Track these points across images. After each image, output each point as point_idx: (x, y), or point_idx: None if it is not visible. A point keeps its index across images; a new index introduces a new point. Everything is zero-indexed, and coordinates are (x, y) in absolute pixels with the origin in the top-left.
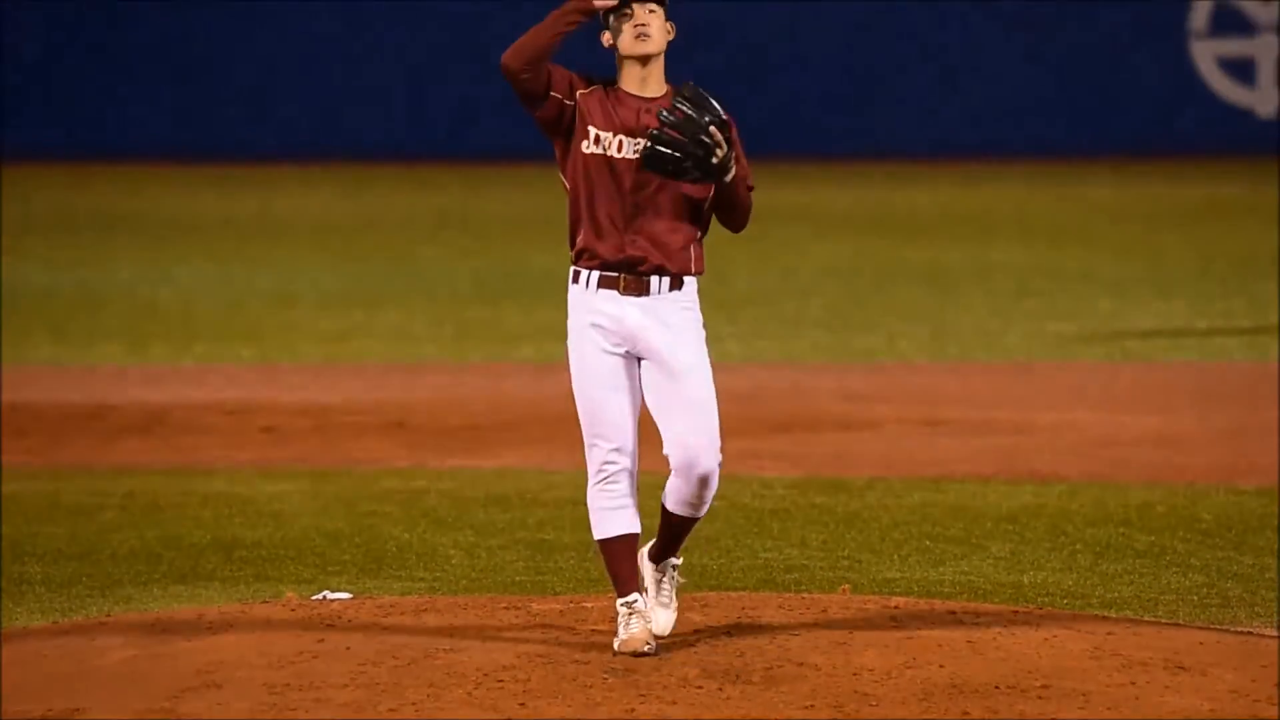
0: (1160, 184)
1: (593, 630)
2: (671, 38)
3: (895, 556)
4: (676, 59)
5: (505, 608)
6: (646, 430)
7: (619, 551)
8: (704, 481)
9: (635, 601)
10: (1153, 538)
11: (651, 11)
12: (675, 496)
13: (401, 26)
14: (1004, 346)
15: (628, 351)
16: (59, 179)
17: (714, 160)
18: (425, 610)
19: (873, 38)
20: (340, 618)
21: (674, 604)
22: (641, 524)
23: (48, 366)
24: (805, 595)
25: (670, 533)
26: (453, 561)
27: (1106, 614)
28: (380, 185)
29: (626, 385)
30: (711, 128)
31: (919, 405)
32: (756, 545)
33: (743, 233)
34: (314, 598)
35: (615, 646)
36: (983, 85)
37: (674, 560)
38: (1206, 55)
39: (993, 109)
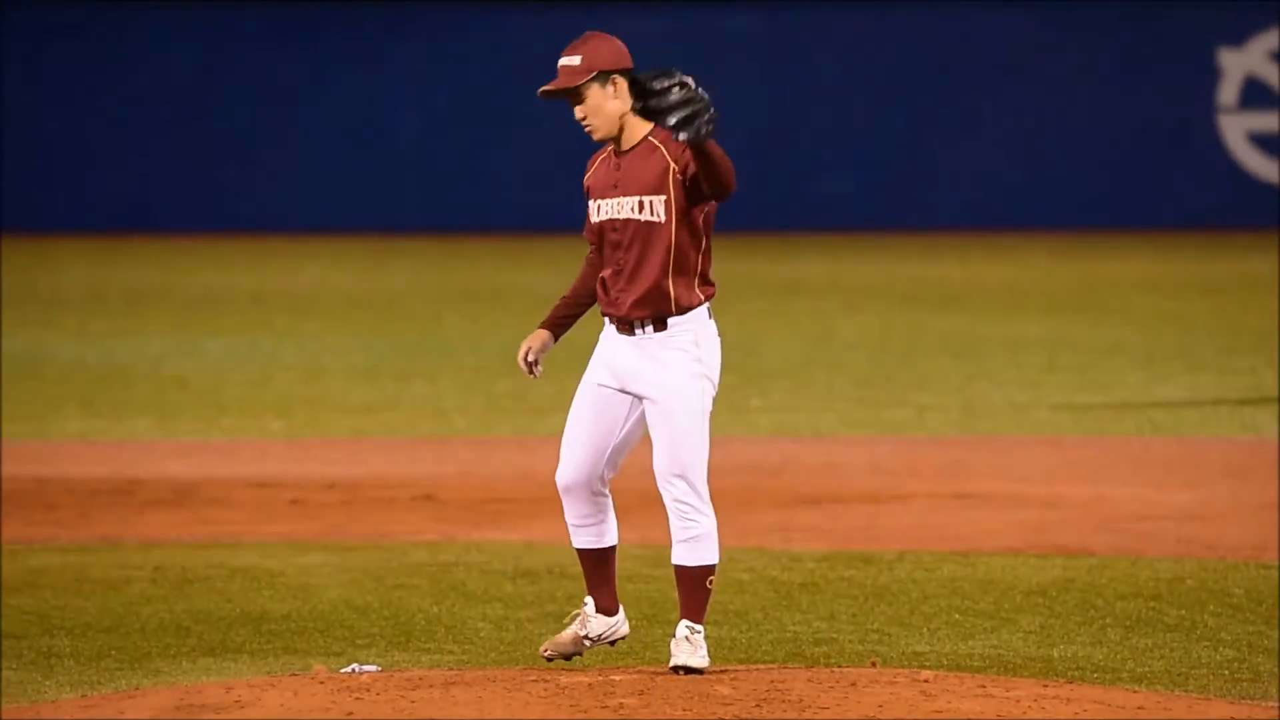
0: (1189, 257)
1: (620, 704)
2: (617, 97)
3: (925, 630)
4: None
5: (533, 680)
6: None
7: (582, 560)
8: (674, 509)
9: (586, 605)
10: (1183, 612)
11: (581, 103)
12: (672, 536)
13: (429, 100)
14: (1033, 420)
15: (623, 389)
16: (89, 252)
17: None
18: (453, 683)
19: (903, 111)
20: (369, 690)
21: (700, 651)
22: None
23: (77, 441)
24: (834, 669)
25: (679, 585)
26: (481, 634)
27: (1137, 688)
28: (409, 258)
29: (596, 417)
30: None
31: (948, 478)
32: (785, 618)
33: (773, 304)
34: (343, 670)
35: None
36: (1013, 158)
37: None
38: (1235, 129)
39: (1022, 181)
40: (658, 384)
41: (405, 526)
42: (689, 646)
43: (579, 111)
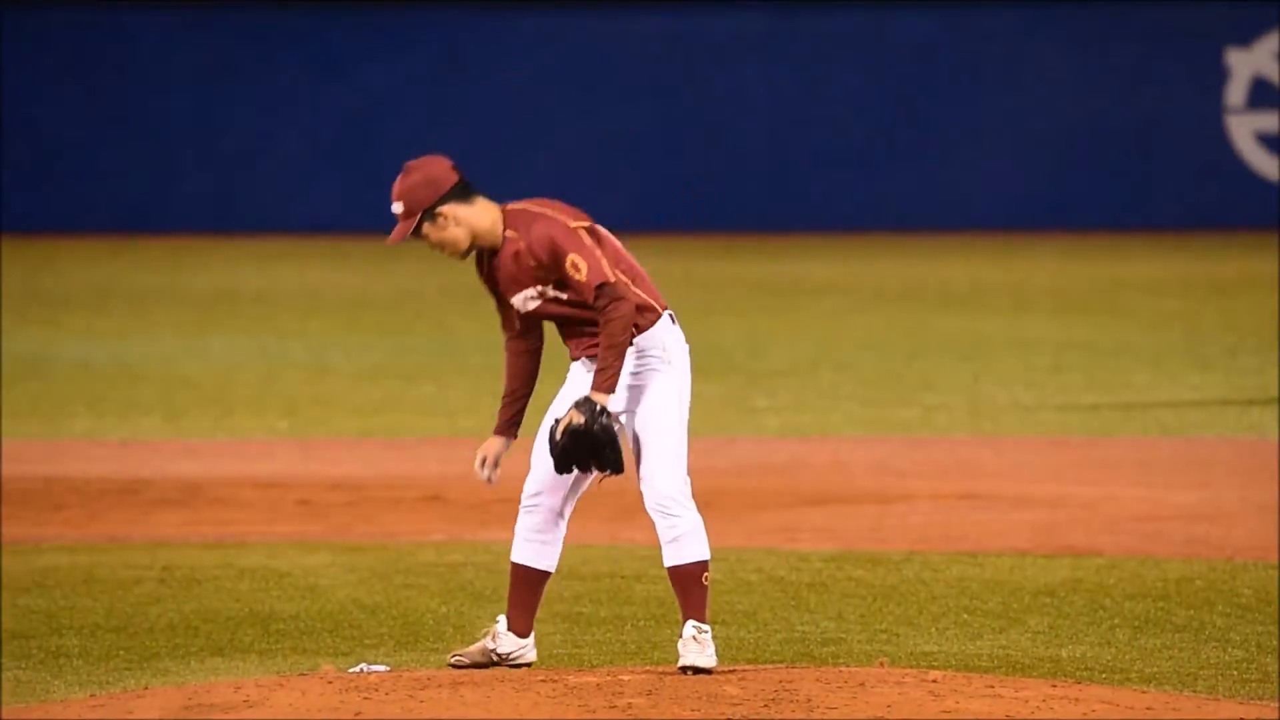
0: (1197, 257)
1: (629, 704)
2: (456, 223)
3: (933, 630)
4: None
5: (541, 680)
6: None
7: (514, 576)
8: (654, 511)
9: (498, 622)
10: (1192, 612)
11: (425, 237)
12: (660, 540)
13: (437, 100)
14: (1040, 420)
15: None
16: (95, 252)
17: (595, 436)
18: (461, 683)
19: (909, 110)
20: (377, 690)
21: (708, 650)
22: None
23: (85, 440)
24: (843, 669)
25: (675, 586)
26: None
27: (1146, 689)
28: (416, 258)
29: None
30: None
31: (956, 479)
32: (793, 618)
33: (779, 304)
34: (351, 670)
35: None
36: (1019, 159)
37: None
38: (1243, 129)
39: (1028, 182)
40: (629, 395)
41: (413, 526)
42: (696, 646)
43: (431, 243)
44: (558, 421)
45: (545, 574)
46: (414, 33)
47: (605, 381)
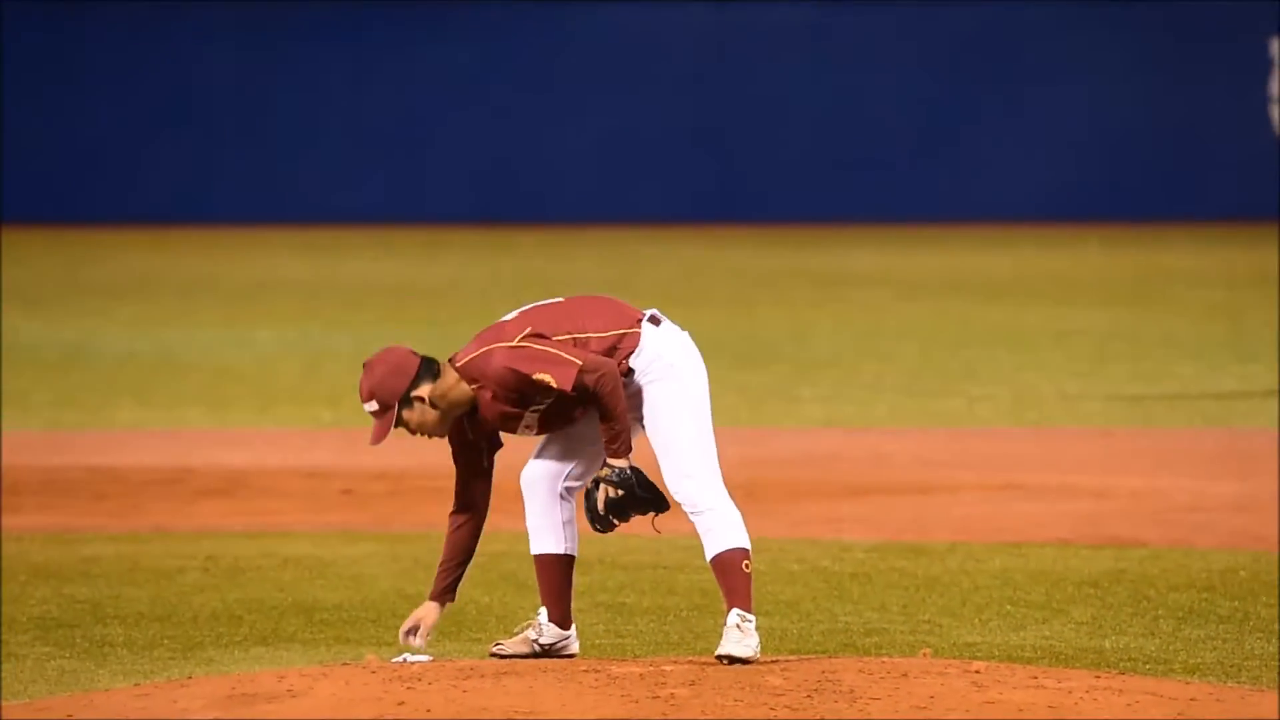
0: (1241, 248)
1: (672, 694)
2: (430, 405)
3: (976, 620)
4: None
5: (584, 670)
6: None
7: (539, 567)
8: (688, 510)
9: (539, 614)
10: (1236, 603)
11: (405, 424)
12: (700, 536)
13: (479, 91)
14: (1084, 411)
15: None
16: (141, 243)
17: (629, 496)
18: (505, 674)
19: (953, 102)
20: (420, 680)
21: (749, 640)
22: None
23: (130, 430)
24: (886, 659)
25: (717, 577)
26: None
27: (1190, 680)
28: (459, 248)
29: (570, 430)
30: (607, 514)
31: (999, 470)
32: (836, 609)
33: (823, 295)
34: (394, 660)
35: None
36: (1063, 149)
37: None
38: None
39: (1073, 172)
40: (647, 397)
41: None
42: (738, 634)
43: (410, 430)
44: (591, 497)
45: (567, 558)
46: (458, 25)
47: (620, 448)
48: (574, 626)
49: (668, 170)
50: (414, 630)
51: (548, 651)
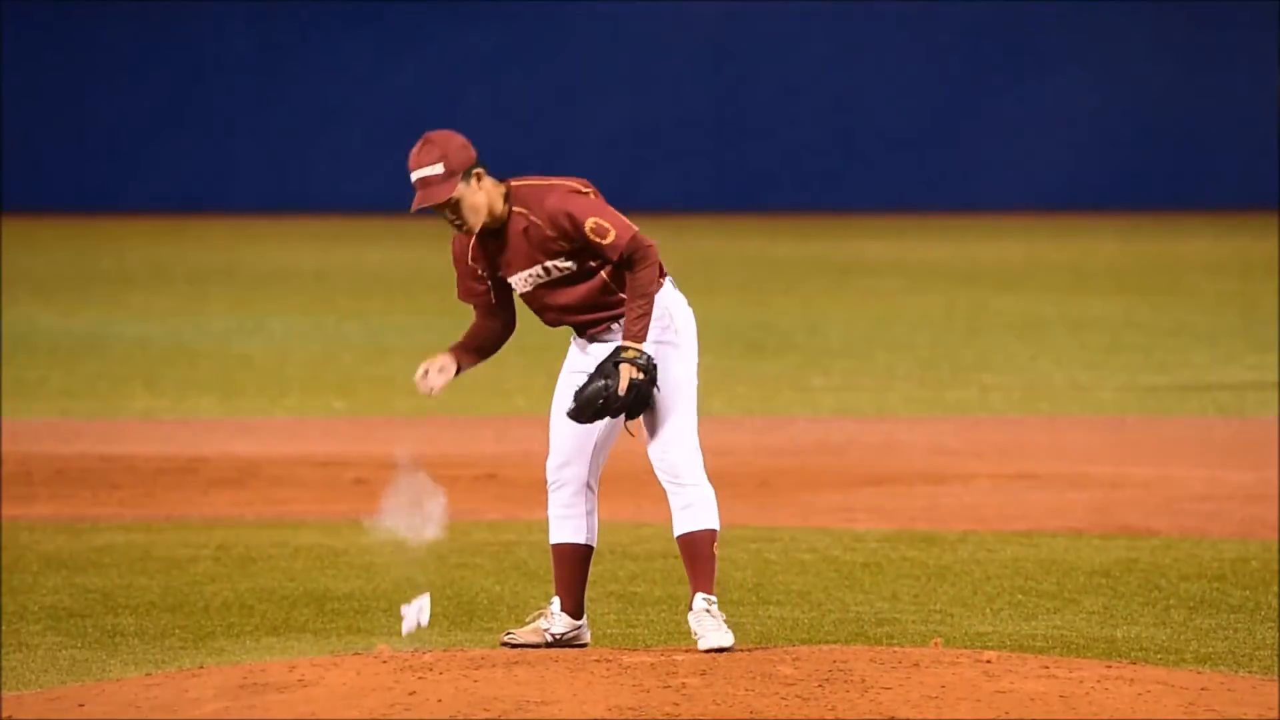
0: (1255, 238)
1: (683, 683)
2: (481, 188)
3: (987, 610)
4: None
5: (596, 660)
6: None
7: (557, 557)
8: (666, 480)
9: (552, 603)
10: (1247, 593)
11: (450, 210)
12: (672, 511)
13: (492, 81)
14: (1097, 400)
15: None
16: (154, 232)
17: (645, 384)
18: (516, 663)
19: (967, 92)
20: (431, 670)
21: (722, 624)
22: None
23: (142, 419)
24: (897, 649)
25: (685, 556)
26: None
27: (1201, 670)
28: None
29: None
30: (615, 400)
31: (1011, 459)
32: (848, 598)
33: (836, 284)
34: (405, 615)
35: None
36: (1077, 139)
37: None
38: None
39: (1087, 162)
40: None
41: (468, 505)
42: (712, 621)
43: (450, 216)
44: (606, 383)
45: (586, 549)
46: (472, 15)
47: (642, 330)
48: (585, 617)
49: (681, 159)
50: (429, 371)
51: (559, 641)
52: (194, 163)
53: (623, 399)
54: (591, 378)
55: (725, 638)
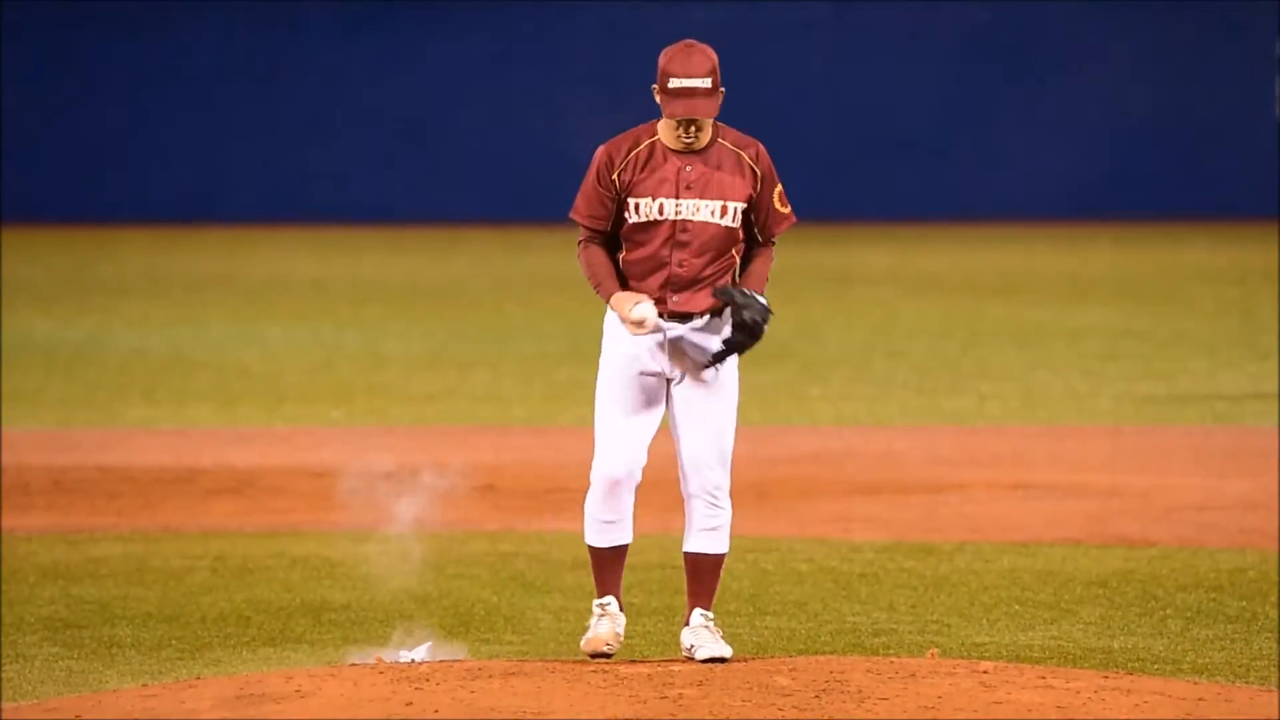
0: (1252, 246)
1: (680, 694)
2: (721, 99)
3: (984, 621)
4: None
5: (593, 671)
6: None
7: (605, 558)
8: (705, 496)
9: (609, 604)
10: (1244, 603)
11: (697, 126)
12: (691, 526)
13: (491, 90)
14: (1095, 409)
15: (665, 375)
16: (151, 241)
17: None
18: (513, 674)
19: (964, 101)
20: (428, 681)
21: (720, 638)
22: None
23: (139, 428)
24: (894, 659)
25: (698, 574)
26: (541, 625)
27: (1198, 680)
28: (470, 246)
29: (646, 404)
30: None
31: (1008, 468)
32: (845, 609)
33: (834, 292)
34: (402, 657)
35: (581, 643)
36: (1075, 148)
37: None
38: None
39: (1084, 171)
40: (703, 357)
41: (465, 515)
42: (709, 635)
43: (692, 133)
44: (756, 307)
45: (627, 546)
46: (472, 23)
47: (761, 287)
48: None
49: None
50: (647, 318)
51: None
52: (191, 171)
53: (750, 326)
54: (736, 308)
55: (723, 649)
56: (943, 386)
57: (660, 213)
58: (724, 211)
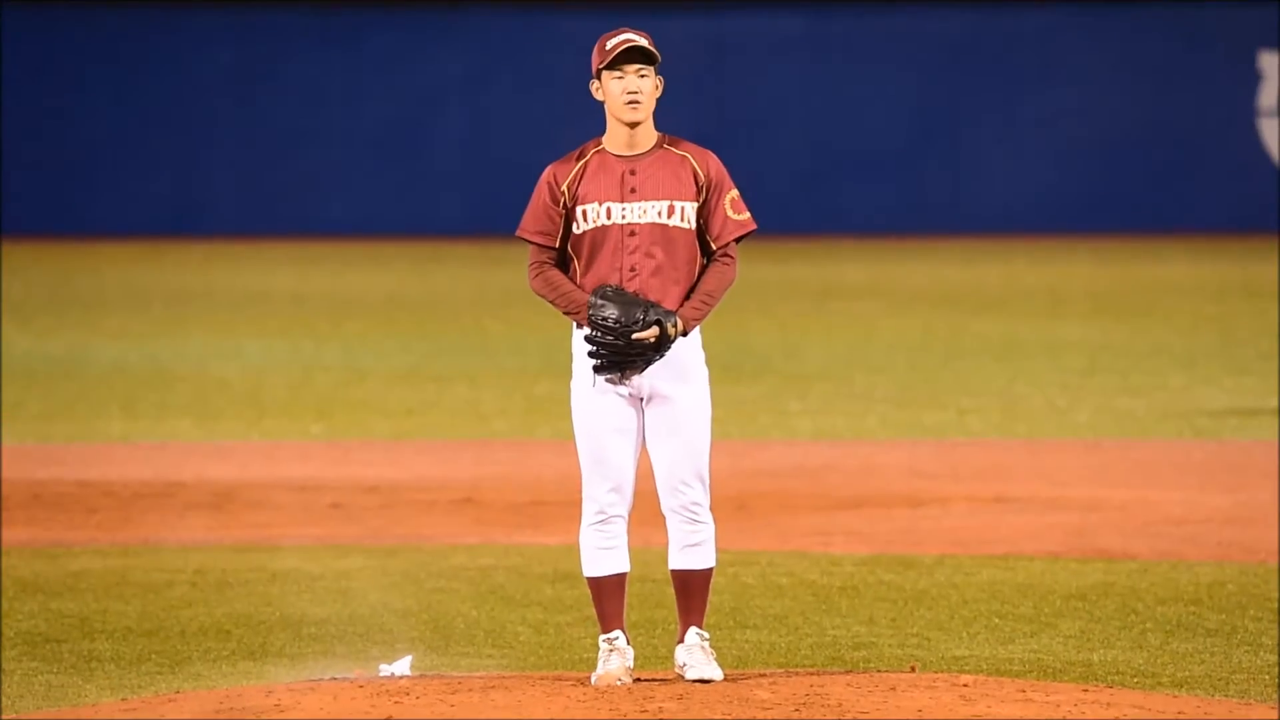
0: (1231, 260)
1: (660, 708)
2: (659, 94)
3: (964, 634)
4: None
5: (572, 685)
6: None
7: (606, 589)
8: (684, 513)
9: (616, 639)
10: (1224, 616)
11: (643, 76)
12: (674, 543)
13: (470, 104)
14: (1074, 423)
15: (639, 394)
16: (131, 255)
17: (654, 350)
18: (493, 687)
19: (944, 115)
20: (408, 695)
21: (713, 658)
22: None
23: (119, 443)
24: (874, 673)
25: (687, 592)
26: (520, 638)
27: (1177, 693)
28: (450, 261)
29: (632, 429)
30: (635, 328)
31: (988, 482)
32: (825, 622)
33: (813, 307)
34: (383, 673)
35: (592, 679)
36: (1053, 161)
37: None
38: (1274, 132)
39: (1063, 185)
40: (679, 384)
41: (445, 529)
42: (703, 655)
43: (636, 85)
44: (650, 317)
45: (626, 574)
46: (450, 35)
47: (698, 319)
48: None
49: None
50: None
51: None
52: (170, 185)
53: (643, 346)
54: (638, 300)
55: (714, 670)
56: (922, 400)
57: (608, 216)
58: (671, 211)
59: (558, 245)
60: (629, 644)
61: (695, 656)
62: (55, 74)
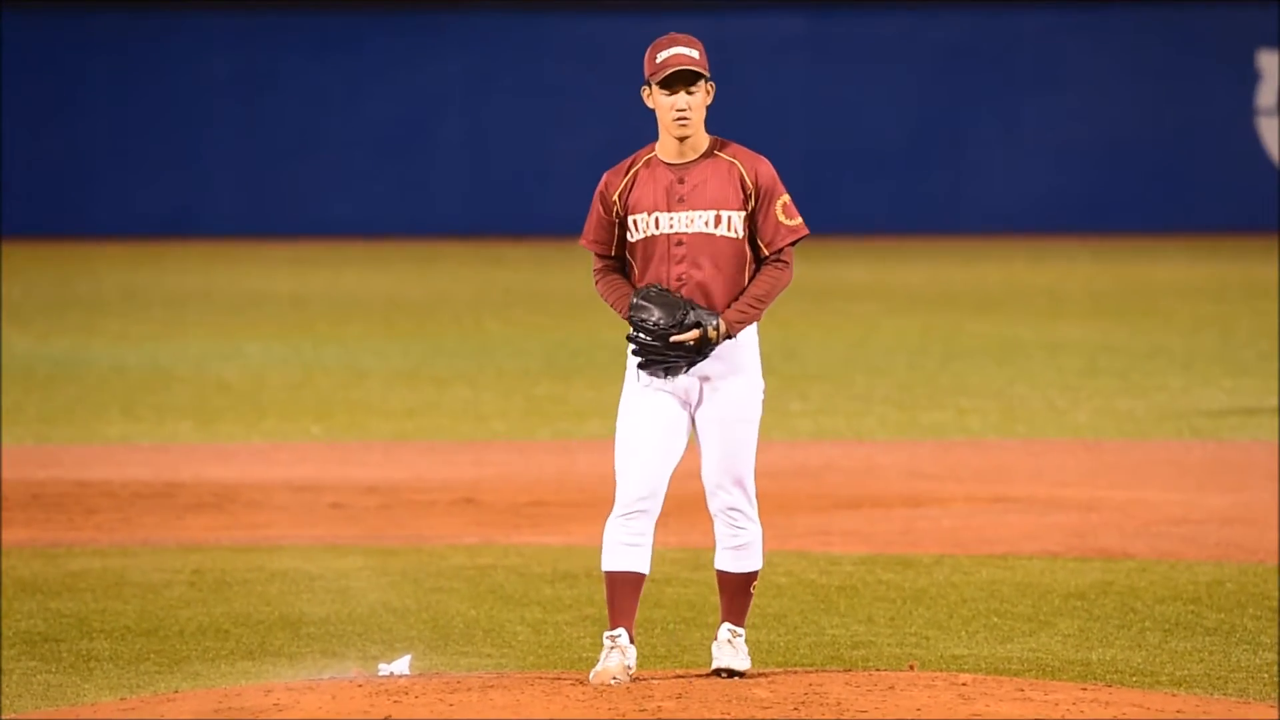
0: (1230, 260)
1: (659, 706)
2: (710, 100)
3: (963, 633)
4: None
5: (571, 684)
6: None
7: (621, 586)
8: (726, 516)
9: (620, 636)
10: (1222, 615)
11: (691, 94)
12: (719, 543)
13: (470, 105)
14: (1073, 423)
15: (684, 396)
16: (130, 257)
17: (697, 352)
18: (492, 687)
19: (943, 116)
20: (407, 694)
21: (742, 653)
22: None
23: (118, 444)
24: (872, 672)
25: (724, 590)
26: (519, 638)
27: (1176, 692)
28: (449, 262)
29: (668, 427)
30: (675, 330)
31: (988, 482)
32: (824, 622)
33: (813, 308)
34: (382, 672)
35: (590, 676)
36: (1052, 162)
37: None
38: (1275, 131)
39: (1062, 185)
40: (725, 389)
41: (444, 530)
42: (731, 649)
43: (685, 102)
44: (677, 317)
45: (644, 577)
46: (451, 37)
47: (743, 323)
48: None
49: None
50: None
51: (631, 671)
52: (170, 187)
53: (684, 348)
54: (681, 301)
55: (740, 662)
56: (922, 401)
57: (656, 226)
58: (718, 221)
59: (614, 253)
60: (632, 643)
61: (723, 650)
62: (55, 74)
